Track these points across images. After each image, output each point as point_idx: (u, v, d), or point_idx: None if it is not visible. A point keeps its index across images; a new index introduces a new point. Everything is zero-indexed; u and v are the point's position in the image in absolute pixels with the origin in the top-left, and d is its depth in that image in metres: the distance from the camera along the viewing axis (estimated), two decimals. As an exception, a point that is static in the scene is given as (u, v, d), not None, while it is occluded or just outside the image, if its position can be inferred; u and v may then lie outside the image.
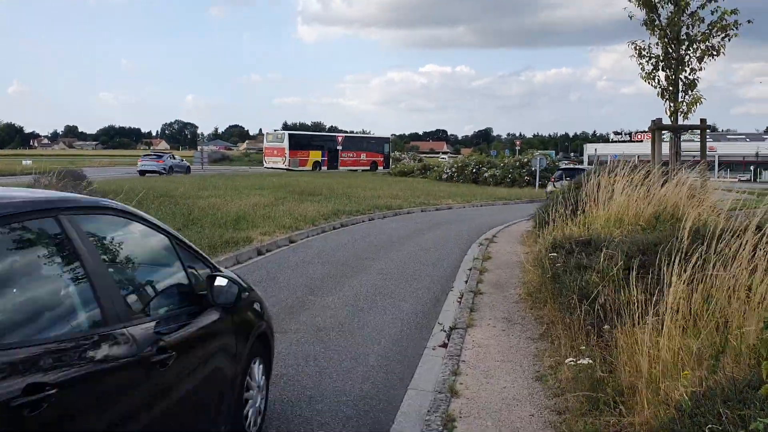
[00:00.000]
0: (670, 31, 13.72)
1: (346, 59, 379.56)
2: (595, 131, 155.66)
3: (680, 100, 13.85)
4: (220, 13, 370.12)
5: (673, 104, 13.90)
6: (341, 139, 54.87)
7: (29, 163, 39.83)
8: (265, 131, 63.56)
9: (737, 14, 13.24)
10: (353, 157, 54.00)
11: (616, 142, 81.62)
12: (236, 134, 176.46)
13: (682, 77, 13.83)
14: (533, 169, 35.79)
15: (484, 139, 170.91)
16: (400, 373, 5.56)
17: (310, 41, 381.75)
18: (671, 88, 13.92)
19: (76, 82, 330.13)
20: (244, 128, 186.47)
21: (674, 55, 13.77)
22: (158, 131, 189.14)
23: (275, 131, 56.07)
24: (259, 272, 9.71)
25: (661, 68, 14.02)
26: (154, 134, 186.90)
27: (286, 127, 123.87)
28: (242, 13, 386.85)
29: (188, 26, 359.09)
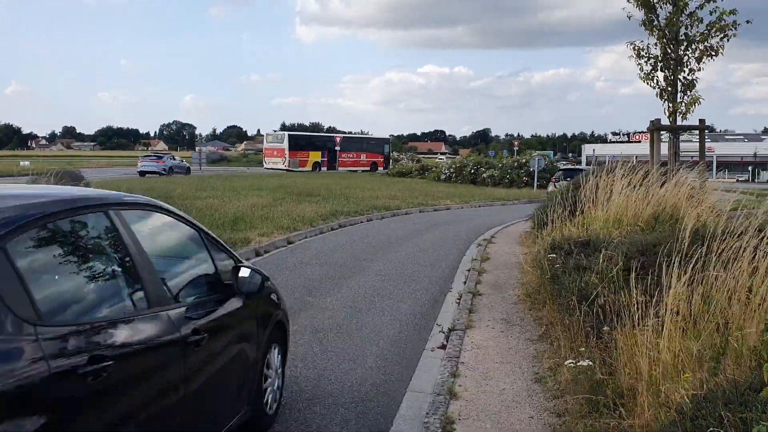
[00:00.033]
0: (668, 31, 13.70)
1: (344, 60, 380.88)
2: (593, 132, 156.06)
3: (679, 100, 13.83)
4: (219, 13, 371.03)
5: (671, 105, 13.88)
6: (341, 139, 54.72)
7: (27, 164, 39.84)
8: (264, 132, 63.62)
9: (736, 14, 13.23)
10: (353, 157, 53.94)
11: (614, 142, 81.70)
12: (234, 135, 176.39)
13: (680, 77, 13.80)
14: (531, 169, 35.68)
15: (482, 139, 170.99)
16: (398, 374, 5.53)
17: (308, 42, 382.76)
18: (670, 88, 13.90)
19: (74, 82, 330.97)
20: (242, 129, 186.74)
21: (673, 55, 13.75)
22: (156, 132, 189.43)
23: (275, 132, 56.06)
24: (257, 273, 9.65)
25: (659, 69, 14.00)
26: (152, 135, 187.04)
27: (284, 127, 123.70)
28: (241, 13, 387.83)
29: (187, 26, 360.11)
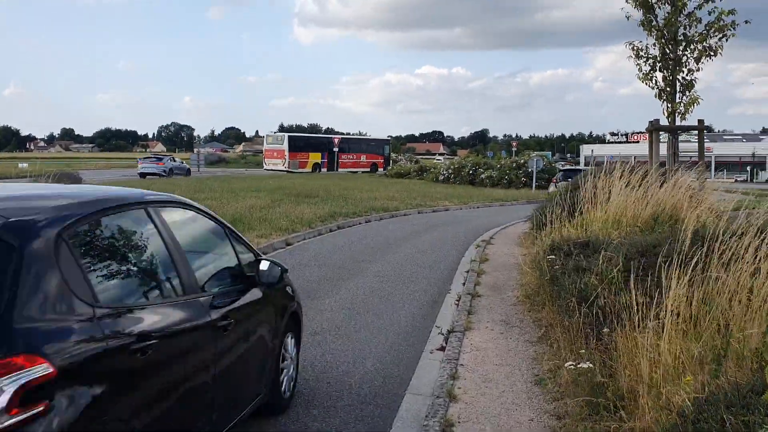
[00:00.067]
0: (667, 31, 13.70)
1: (343, 61, 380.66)
2: (591, 132, 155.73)
3: (678, 100, 13.83)
4: (217, 14, 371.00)
5: (670, 105, 13.88)
6: (341, 140, 54.66)
7: (25, 165, 39.70)
8: (262, 133, 63.63)
9: (734, 15, 13.24)
10: (353, 159, 53.84)
11: (612, 142, 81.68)
12: (233, 136, 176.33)
13: (679, 78, 13.81)
14: (530, 170, 35.65)
15: (480, 140, 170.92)
16: (397, 376, 5.50)
17: (307, 43, 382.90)
18: (668, 88, 13.90)
19: (73, 84, 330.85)
20: (240, 130, 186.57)
21: (671, 55, 13.75)
22: (155, 133, 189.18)
23: (275, 133, 55.96)
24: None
25: (658, 69, 14.00)
26: (150, 136, 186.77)
27: (282, 128, 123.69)
28: (240, 14, 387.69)
29: (186, 27, 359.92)
